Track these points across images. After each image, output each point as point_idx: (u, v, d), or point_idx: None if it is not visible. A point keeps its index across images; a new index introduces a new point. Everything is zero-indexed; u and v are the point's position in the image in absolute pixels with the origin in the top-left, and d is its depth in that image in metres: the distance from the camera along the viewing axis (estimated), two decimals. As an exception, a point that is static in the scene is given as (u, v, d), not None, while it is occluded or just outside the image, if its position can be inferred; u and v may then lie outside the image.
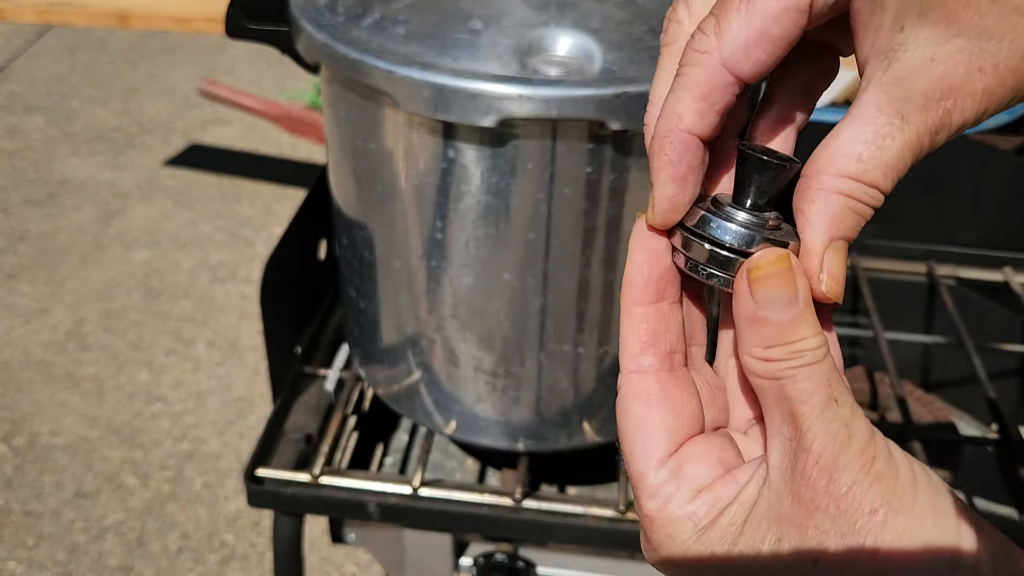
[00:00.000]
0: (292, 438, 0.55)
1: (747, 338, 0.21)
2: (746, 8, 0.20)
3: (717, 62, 0.20)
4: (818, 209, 0.21)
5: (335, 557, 1.27)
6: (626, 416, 0.22)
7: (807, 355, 0.20)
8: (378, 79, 0.39)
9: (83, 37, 2.77)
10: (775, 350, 0.20)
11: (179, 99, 2.46)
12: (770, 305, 0.20)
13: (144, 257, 1.86)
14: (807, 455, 0.20)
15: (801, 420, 0.20)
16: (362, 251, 0.48)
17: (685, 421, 0.22)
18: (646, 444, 0.22)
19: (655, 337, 0.23)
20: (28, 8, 1.47)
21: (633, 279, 0.23)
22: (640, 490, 0.22)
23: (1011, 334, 0.67)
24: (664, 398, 0.22)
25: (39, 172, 2.14)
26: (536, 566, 0.56)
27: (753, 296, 0.20)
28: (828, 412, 0.20)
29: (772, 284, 0.20)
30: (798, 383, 0.20)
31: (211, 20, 1.41)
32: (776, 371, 0.20)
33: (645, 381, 0.22)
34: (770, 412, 0.21)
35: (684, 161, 0.21)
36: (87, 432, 1.45)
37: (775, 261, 0.21)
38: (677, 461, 0.22)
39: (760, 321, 0.20)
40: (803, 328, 0.20)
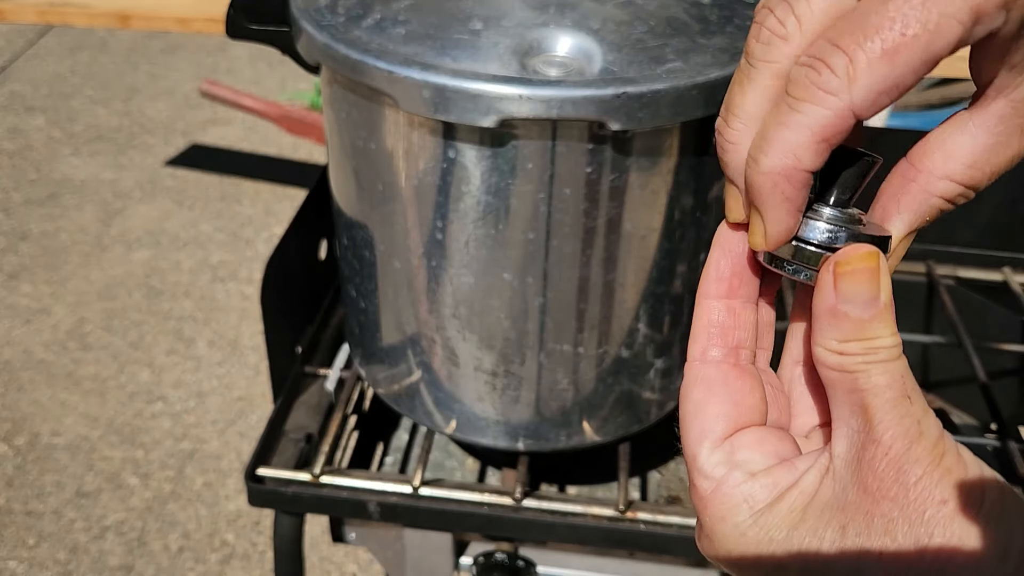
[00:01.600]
0: (293, 437, 0.56)
1: (823, 330, 0.21)
2: (890, 59, 0.19)
3: (847, 107, 0.19)
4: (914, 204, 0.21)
5: (335, 556, 1.28)
6: (686, 400, 0.23)
7: (882, 352, 0.20)
8: (378, 79, 0.39)
9: (84, 37, 2.78)
10: (850, 344, 0.20)
11: (180, 99, 2.46)
12: (852, 301, 0.20)
13: (145, 257, 1.86)
14: (876, 447, 0.20)
15: (872, 413, 0.20)
16: (362, 251, 0.48)
17: (744, 410, 0.23)
18: (701, 426, 0.22)
19: (723, 330, 0.23)
20: (29, 8, 1.47)
21: (709, 273, 0.24)
22: (693, 471, 0.22)
23: (1010, 334, 0.67)
24: (725, 386, 0.23)
25: (40, 172, 2.14)
26: (536, 565, 0.56)
27: (836, 290, 0.21)
28: (900, 407, 0.20)
29: (857, 280, 0.20)
30: (872, 377, 0.20)
31: (212, 20, 1.41)
32: (849, 364, 0.20)
33: (708, 369, 0.23)
34: (839, 403, 0.21)
35: (800, 195, 0.21)
36: (88, 432, 1.45)
37: (864, 257, 0.21)
38: (732, 444, 0.22)
39: (839, 315, 0.20)
40: (881, 327, 0.20)
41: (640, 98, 0.38)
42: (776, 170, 0.21)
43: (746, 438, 0.22)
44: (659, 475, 0.61)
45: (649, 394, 0.51)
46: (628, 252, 0.44)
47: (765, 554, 0.21)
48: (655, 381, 0.50)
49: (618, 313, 0.46)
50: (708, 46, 0.41)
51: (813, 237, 0.22)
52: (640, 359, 0.48)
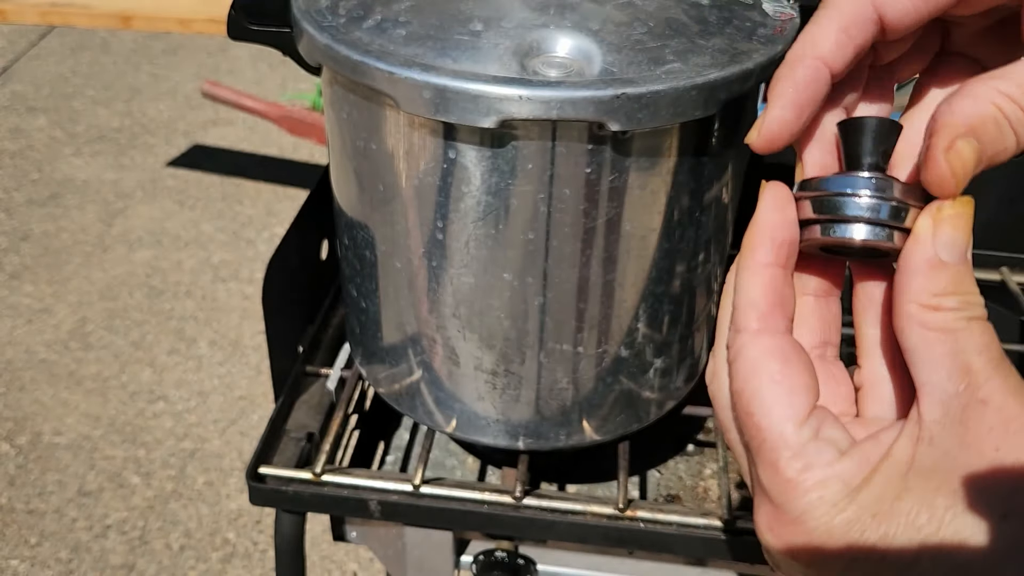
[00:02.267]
0: (294, 437, 0.56)
1: (916, 285, 0.20)
2: None
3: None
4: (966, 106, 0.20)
5: (336, 555, 1.28)
6: (758, 374, 0.21)
7: (978, 308, 0.19)
8: (379, 80, 0.39)
9: (86, 38, 2.78)
10: (948, 299, 0.19)
11: (181, 100, 2.46)
12: (953, 248, 0.19)
13: (146, 257, 1.86)
14: (984, 407, 0.19)
15: (977, 372, 0.19)
16: (363, 251, 0.49)
17: (816, 384, 0.21)
18: (787, 400, 0.20)
19: (783, 299, 0.22)
20: (30, 9, 1.47)
21: (764, 238, 0.22)
22: (778, 451, 0.20)
23: (1008, 333, 0.68)
24: (798, 357, 0.21)
25: (42, 172, 2.15)
26: (536, 564, 0.56)
27: (936, 236, 0.20)
28: (1004, 366, 0.19)
29: (959, 226, 0.19)
30: (974, 336, 0.19)
31: (213, 21, 1.41)
32: (950, 321, 0.19)
33: (779, 340, 0.21)
34: (933, 366, 0.20)
35: (809, 89, 0.21)
36: (90, 431, 1.45)
37: (966, 202, 0.20)
38: (817, 420, 0.20)
39: (938, 266, 0.19)
40: (972, 282, 0.20)
41: (639, 99, 0.38)
42: (793, 57, 0.21)
43: (826, 413, 0.21)
44: (658, 474, 0.61)
45: (649, 393, 0.51)
46: (628, 252, 0.44)
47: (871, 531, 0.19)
48: (655, 380, 0.50)
49: (618, 313, 0.46)
50: (707, 47, 0.42)
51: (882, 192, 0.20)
52: (640, 358, 0.49)
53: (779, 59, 0.42)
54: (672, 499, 0.59)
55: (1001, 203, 0.68)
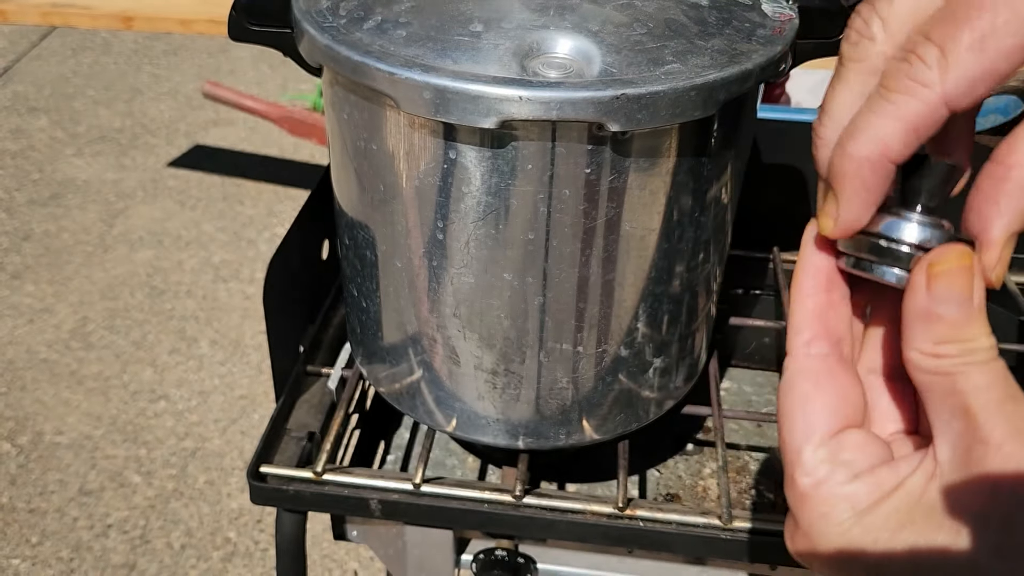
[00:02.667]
0: (295, 436, 0.56)
1: (917, 333, 0.20)
2: (980, 46, 0.19)
3: (939, 97, 0.20)
4: (1012, 204, 0.20)
5: (337, 554, 1.28)
6: (791, 393, 0.22)
7: (980, 354, 0.20)
8: (380, 81, 0.40)
9: (87, 38, 2.78)
10: (946, 347, 0.20)
11: (182, 100, 2.47)
12: (946, 301, 0.20)
13: (147, 257, 1.87)
14: (985, 447, 0.19)
15: (975, 413, 0.19)
16: (364, 251, 0.49)
17: (850, 408, 0.22)
18: (808, 420, 0.22)
19: (825, 324, 0.23)
20: (32, 9, 1.47)
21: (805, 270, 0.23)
22: (795, 466, 0.21)
23: (1007, 334, 0.68)
24: (832, 380, 0.22)
25: (43, 172, 2.15)
26: (536, 562, 0.57)
27: (930, 290, 0.20)
28: (1006, 407, 0.19)
29: (952, 280, 0.20)
30: (971, 378, 0.20)
31: (214, 22, 1.41)
32: (947, 367, 0.20)
33: (814, 363, 0.22)
34: (937, 408, 0.20)
35: (881, 188, 0.21)
36: (91, 430, 1.46)
37: (959, 256, 0.20)
38: (837, 443, 0.21)
39: (933, 317, 0.20)
40: (976, 328, 0.20)
41: (639, 100, 0.38)
42: (862, 154, 0.20)
43: (852, 439, 0.22)
44: (658, 473, 0.61)
45: (648, 393, 0.51)
46: (627, 252, 0.44)
47: (870, 553, 0.20)
48: (654, 380, 0.51)
49: (617, 312, 0.46)
50: (707, 48, 0.42)
51: (902, 236, 0.21)
52: (639, 358, 0.49)
53: (778, 60, 0.43)
54: (671, 498, 0.60)
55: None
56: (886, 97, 0.20)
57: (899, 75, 0.20)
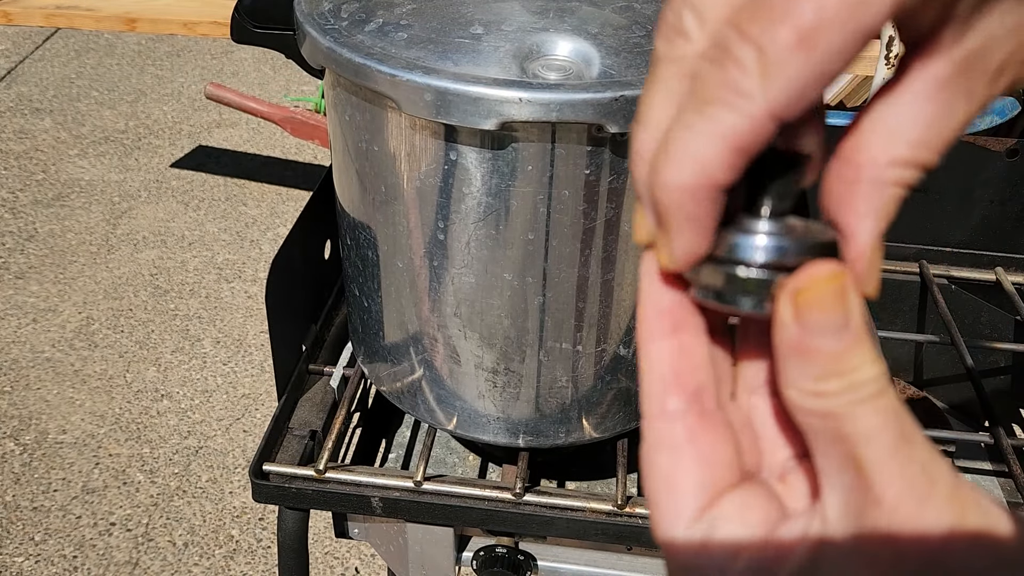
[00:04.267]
0: (297, 434, 0.56)
1: (792, 371, 0.17)
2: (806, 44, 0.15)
3: (763, 112, 0.16)
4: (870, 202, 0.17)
5: (339, 551, 1.29)
6: (651, 468, 0.19)
7: (868, 387, 0.17)
8: (381, 83, 0.40)
9: (91, 40, 2.79)
10: (828, 383, 0.17)
11: (186, 102, 2.47)
12: (821, 332, 0.17)
13: (151, 257, 1.87)
14: (879, 510, 0.16)
15: (867, 465, 0.16)
16: (366, 251, 0.49)
17: (718, 472, 0.19)
18: (673, 503, 0.19)
19: (678, 375, 0.19)
20: (36, 11, 1.48)
21: (645, 311, 0.20)
22: (668, 555, 0.19)
23: (1003, 332, 0.68)
24: (693, 446, 0.19)
25: (47, 173, 2.16)
26: (536, 559, 0.57)
27: (799, 322, 0.17)
28: (900, 453, 0.16)
29: (824, 307, 0.17)
30: (860, 421, 0.17)
31: (217, 24, 1.42)
32: (832, 408, 0.17)
33: (671, 428, 0.19)
34: (824, 456, 0.17)
35: (711, 214, 0.17)
36: (95, 429, 1.46)
37: (827, 278, 0.17)
38: (711, 520, 0.19)
39: (809, 351, 0.17)
40: (860, 355, 0.17)
41: (638, 101, 0.39)
42: (680, 186, 0.17)
43: (727, 508, 0.19)
44: (657, 472, 0.62)
45: (647, 391, 0.52)
46: (626, 252, 0.45)
47: None
48: (652, 378, 0.51)
49: (616, 312, 0.47)
50: (704, 50, 0.42)
51: (754, 257, 0.18)
52: (638, 357, 0.49)
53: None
54: (670, 496, 0.60)
55: (995, 205, 0.68)
56: (700, 111, 0.17)
57: (713, 83, 0.16)
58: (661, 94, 0.18)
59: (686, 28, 0.17)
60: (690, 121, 0.17)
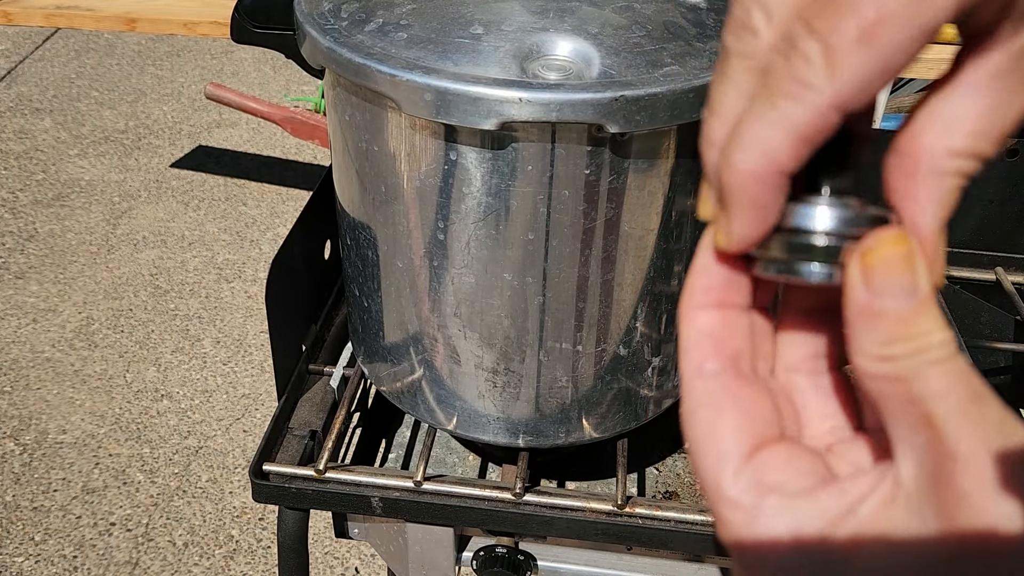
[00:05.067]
0: (297, 434, 0.57)
1: (861, 336, 0.17)
2: (868, 42, 0.16)
3: (828, 102, 0.17)
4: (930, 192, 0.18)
5: (339, 551, 1.29)
6: (693, 423, 0.19)
7: (936, 351, 0.17)
8: (381, 83, 0.40)
9: (91, 40, 2.79)
10: (896, 346, 0.17)
11: (186, 102, 2.47)
12: (889, 294, 0.17)
13: (151, 257, 1.87)
14: (954, 463, 0.16)
15: (939, 423, 0.17)
16: (366, 251, 0.49)
17: (760, 423, 0.19)
18: (718, 448, 0.19)
19: (717, 342, 0.20)
20: (36, 12, 1.48)
21: (695, 282, 0.20)
22: (718, 502, 0.19)
23: (1003, 332, 0.68)
24: (732, 398, 0.19)
25: (47, 173, 2.16)
26: (536, 559, 0.57)
27: (868, 285, 0.17)
28: (973, 412, 0.17)
29: (892, 269, 0.17)
30: (930, 382, 0.17)
31: (217, 24, 1.42)
32: (900, 371, 0.17)
33: (709, 385, 0.20)
34: (895, 419, 0.18)
35: (775, 201, 0.18)
36: (95, 429, 1.46)
37: (895, 240, 0.17)
38: (758, 465, 0.19)
39: (877, 315, 0.17)
40: (928, 321, 0.17)
41: (638, 101, 0.39)
42: (748, 169, 0.18)
43: (773, 456, 0.19)
44: (656, 471, 0.62)
45: (646, 391, 0.52)
46: (626, 252, 0.45)
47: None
48: (652, 378, 0.51)
49: (616, 312, 0.47)
50: (705, 50, 0.42)
51: (819, 226, 0.18)
52: (638, 357, 0.49)
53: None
54: (670, 496, 0.60)
55: (995, 205, 0.68)
56: (769, 102, 0.18)
57: (781, 76, 0.17)
58: (731, 86, 0.19)
59: (754, 24, 0.18)
60: (760, 111, 0.18)
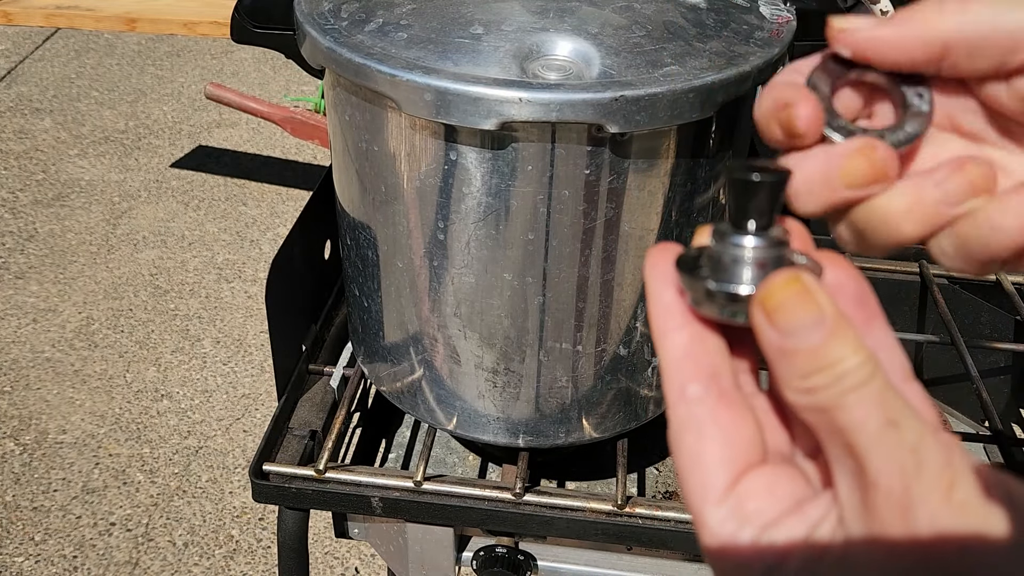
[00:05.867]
0: (297, 434, 0.57)
1: (782, 372, 0.19)
2: None
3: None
4: None
5: (339, 551, 1.29)
6: (679, 449, 0.21)
7: (851, 377, 0.18)
8: (381, 83, 0.40)
9: (91, 40, 2.79)
10: (815, 378, 0.18)
11: (186, 102, 2.47)
12: (795, 332, 0.18)
13: (151, 257, 1.87)
14: (875, 491, 0.18)
15: (861, 451, 0.18)
16: (366, 251, 0.49)
17: (742, 450, 0.20)
18: (701, 479, 0.20)
19: (694, 360, 0.21)
20: (36, 12, 1.48)
21: (655, 309, 0.21)
22: (700, 527, 0.20)
23: (1003, 332, 0.68)
24: (716, 427, 0.20)
25: (47, 173, 2.16)
26: (536, 559, 0.57)
27: (775, 328, 0.19)
28: (887, 438, 0.18)
29: (790, 310, 0.18)
30: (848, 411, 0.18)
31: (217, 24, 1.42)
32: (822, 402, 0.18)
33: (693, 410, 0.20)
34: (829, 446, 0.19)
35: None
36: (95, 429, 1.46)
37: (786, 284, 0.19)
38: (739, 495, 0.20)
39: (790, 353, 0.18)
40: (839, 347, 0.18)
41: (638, 101, 0.39)
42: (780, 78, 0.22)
43: (754, 484, 0.20)
44: (656, 471, 0.62)
45: (646, 391, 0.52)
46: (626, 252, 0.45)
47: None
48: (652, 379, 0.51)
49: (616, 312, 0.47)
50: (704, 50, 0.42)
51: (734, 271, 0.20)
52: (638, 357, 0.49)
53: (776, 62, 0.43)
54: (670, 496, 0.60)
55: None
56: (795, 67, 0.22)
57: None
58: None
59: None
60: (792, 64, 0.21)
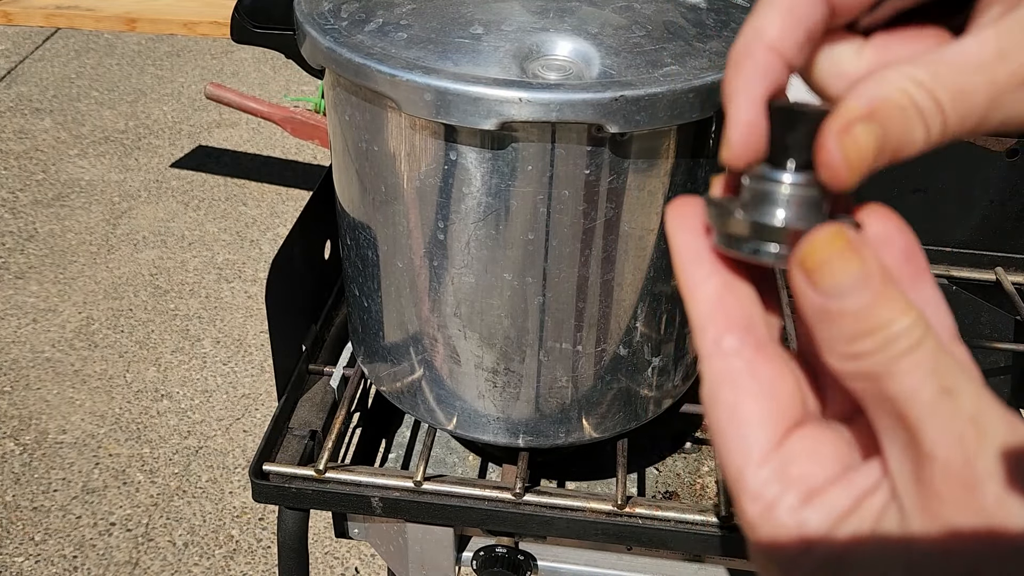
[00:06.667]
0: (297, 434, 0.57)
1: (824, 336, 0.17)
2: None
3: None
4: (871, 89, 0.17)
5: (339, 551, 1.29)
6: (715, 405, 0.19)
7: (902, 341, 0.16)
8: (381, 83, 0.40)
9: (91, 40, 2.79)
10: (862, 342, 0.16)
11: (186, 102, 2.48)
12: (839, 294, 0.17)
13: (151, 257, 1.87)
14: (932, 464, 0.16)
15: (914, 422, 0.16)
16: (366, 251, 0.49)
17: (784, 407, 0.19)
18: (743, 438, 0.18)
19: (726, 310, 0.19)
20: (36, 12, 1.48)
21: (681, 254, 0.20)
22: (739, 491, 0.18)
23: (1003, 333, 0.68)
24: (754, 380, 0.18)
25: (47, 173, 2.16)
26: (536, 559, 0.57)
27: (817, 289, 0.17)
28: (943, 408, 0.16)
29: (834, 269, 0.17)
30: (899, 379, 0.16)
31: (217, 24, 1.42)
32: (871, 367, 0.16)
33: (730, 363, 0.19)
34: (877, 416, 0.17)
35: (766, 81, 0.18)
36: (95, 429, 1.46)
37: (828, 241, 0.17)
38: (782, 457, 0.18)
39: (835, 315, 0.17)
40: (888, 309, 0.16)
41: (638, 101, 0.39)
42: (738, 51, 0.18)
43: (799, 445, 0.18)
44: (656, 471, 0.62)
45: (646, 391, 0.52)
46: (626, 252, 0.45)
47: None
48: (652, 379, 0.51)
49: (616, 312, 0.47)
50: (704, 50, 0.42)
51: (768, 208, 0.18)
52: (638, 357, 0.49)
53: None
54: (670, 496, 0.60)
55: (995, 205, 0.68)
56: None
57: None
58: None
59: None
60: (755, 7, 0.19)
